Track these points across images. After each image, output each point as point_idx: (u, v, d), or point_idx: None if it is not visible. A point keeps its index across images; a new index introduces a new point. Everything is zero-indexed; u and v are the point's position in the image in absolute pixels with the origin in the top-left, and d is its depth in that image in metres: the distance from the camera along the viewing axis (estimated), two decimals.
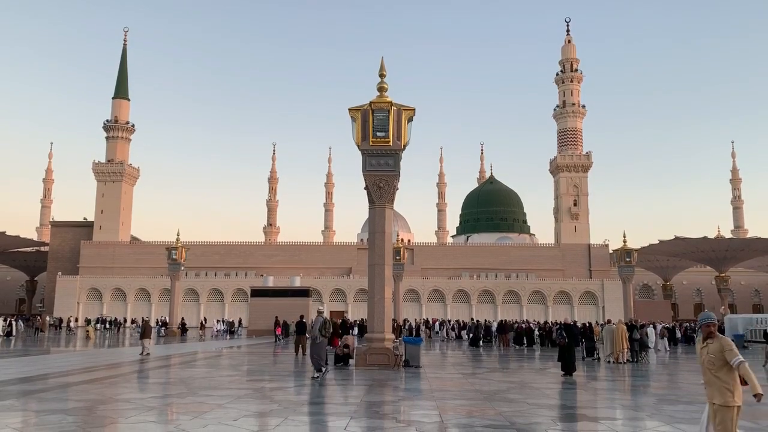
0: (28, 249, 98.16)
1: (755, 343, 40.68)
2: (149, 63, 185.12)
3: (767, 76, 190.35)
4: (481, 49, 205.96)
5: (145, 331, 26.63)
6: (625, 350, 24.38)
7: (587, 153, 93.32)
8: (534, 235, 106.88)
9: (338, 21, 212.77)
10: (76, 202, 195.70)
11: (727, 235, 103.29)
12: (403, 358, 20.69)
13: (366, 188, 21.17)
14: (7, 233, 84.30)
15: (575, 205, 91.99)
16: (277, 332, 42.38)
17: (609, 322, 31.53)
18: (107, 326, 64.24)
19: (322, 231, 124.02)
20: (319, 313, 18.19)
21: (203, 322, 54.54)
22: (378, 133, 20.58)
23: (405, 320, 53.58)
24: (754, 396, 6.05)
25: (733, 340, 27.97)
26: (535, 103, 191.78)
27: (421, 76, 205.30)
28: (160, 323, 57.84)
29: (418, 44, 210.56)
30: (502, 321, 44.48)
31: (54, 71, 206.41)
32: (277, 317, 43.56)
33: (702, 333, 6.58)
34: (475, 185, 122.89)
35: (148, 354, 25.27)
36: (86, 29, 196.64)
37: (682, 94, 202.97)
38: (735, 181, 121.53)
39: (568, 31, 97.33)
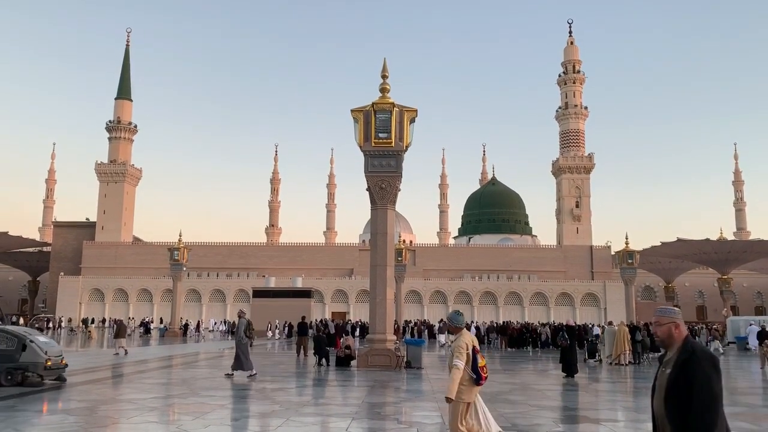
0: (31, 249, 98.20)
1: (759, 346, 40.47)
2: (152, 64, 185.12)
3: None
4: (483, 50, 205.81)
5: (119, 331, 27.15)
6: (627, 352, 24.38)
7: (589, 154, 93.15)
8: (536, 236, 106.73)
9: (341, 21, 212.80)
10: (79, 202, 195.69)
11: (730, 237, 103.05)
12: (405, 360, 20.70)
13: (368, 189, 21.18)
14: (9, 233, 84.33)
15: (577, 206, 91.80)
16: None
17: (610, 323, 31.51)
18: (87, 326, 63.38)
19: (324, 232, 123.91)
20: (242, 315, 18.38)
21: (185, 324, 53.78)
22: (380, 134, 20.58)
23: (406, 321, 53.49)
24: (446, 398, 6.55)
25: (735, 343, 27.88)
26: (537, 105, 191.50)
27: (424, 77, 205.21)
28: (144, 323, 57.37)
29: (420, 45, 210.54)
30: (504, 323, 44.46)
31: (57, 72, 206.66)
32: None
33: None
34: (477, 186, 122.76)
35: (126, 353, 25.68)
36: (89, 30, 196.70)
37: (685, 95, 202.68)
38: (737, 183, 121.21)
39: (570, 32, 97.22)
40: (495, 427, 6.96)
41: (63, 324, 65.02)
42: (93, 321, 63.70)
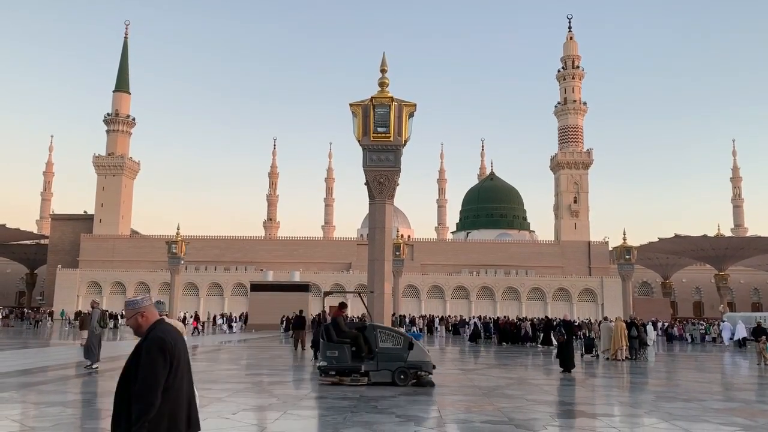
0: (28, 242, 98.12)
1: (755, 342, 40.71)
2: (150, 56, 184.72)
3: None
4: (482, 45, 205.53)
5: (83, 323, 27.04)
6: (624, 347, 24.45)
7: (588, 150, 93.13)
8: (534, 232, 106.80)
9: (340, 15, 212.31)
10: (77, 195, 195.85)
11: (727, 233, 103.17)
12: None
13: (366, 183, 21.14)
14: (7, 226, 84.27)
15: (575, 202, 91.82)
16: (193, 326, 44.73)
17: (606, 319, 31.59)
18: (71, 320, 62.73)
19: (322, 226, 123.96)
20: (95, 305, 18.29)
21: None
22: (379, 129, 20.52)
23: (401, 316, 53.43)
24: None
25: (730, 339, 27.77)
26: (536, 100, 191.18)
27: (423, 71, 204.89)
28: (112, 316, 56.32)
29: (419, 40, 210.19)
30: (492, 318, 44.56)
31: (55, 64, 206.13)
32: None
33: None
34: (476, 181, 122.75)
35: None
36: (87, 22, 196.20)
37: (684, 91, 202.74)
38: (735, 179, 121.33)
39: (570, 27, 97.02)
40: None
41: (50, 318, 64.21)
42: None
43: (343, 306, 15.25)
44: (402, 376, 13.57)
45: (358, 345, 13.99)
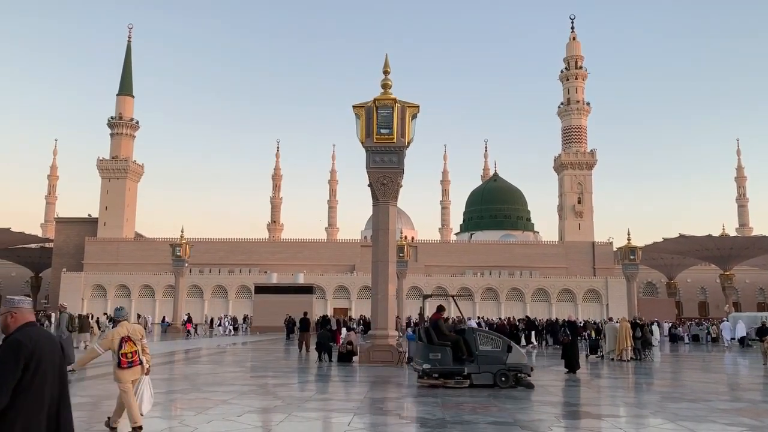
0: (33, 245, 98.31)
1: (760, 342, 40.57)
2: (153, 60, 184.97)
3: None
4: (485, 46, 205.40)
5: (82, 327, 27.12)
6: (629, 348, 24.39)
7: (592, 150, 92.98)
8: (538, 232, 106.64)
9: (343, 17, 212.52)
10: (81, 198, 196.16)
11: (732, 233, 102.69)
12: (407, 355, 20.71)
13: (370, 185, 21.15)
14: (12, 230, 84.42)
15: (579, 202, 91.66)
16: (188, 328, 44.55)
17: (611, 319, 31.52)
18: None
19: (326, 228, 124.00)
20: (62, 309, 18.13)
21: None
22: (382, 130, 20.54)
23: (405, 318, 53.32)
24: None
25: (734, 339, 27.75)
26: (539, 101, 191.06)
27: (426, 72, 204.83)
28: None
29: (422, 41, 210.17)
30: (490, 320, 44.50)
31: (58, 68, 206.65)
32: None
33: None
34: (479, 183, 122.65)
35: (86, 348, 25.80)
36: (91, 26, 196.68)
37: (687, 91, 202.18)
38: (740, 178, 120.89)
39: (572, 28, 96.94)
40: (146, 407, 8.19)
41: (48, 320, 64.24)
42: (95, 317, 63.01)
43: (441, 309, 15.42)
44: (503, 378, 13.85)
45: (457, 348, 14.16)
